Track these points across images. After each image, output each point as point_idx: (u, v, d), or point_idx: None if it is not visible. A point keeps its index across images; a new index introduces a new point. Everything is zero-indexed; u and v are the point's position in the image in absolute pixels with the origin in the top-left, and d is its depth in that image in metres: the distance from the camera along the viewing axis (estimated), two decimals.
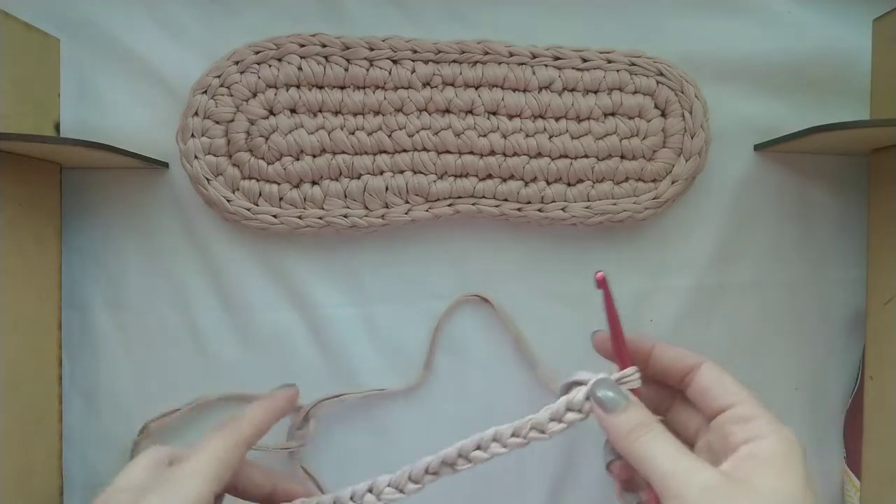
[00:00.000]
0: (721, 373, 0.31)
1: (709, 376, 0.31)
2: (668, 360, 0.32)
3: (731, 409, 0.30)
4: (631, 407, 0.30)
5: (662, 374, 0.33)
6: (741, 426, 0.29)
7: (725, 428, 0.29)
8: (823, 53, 0.47)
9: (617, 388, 0.30)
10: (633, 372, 0.31)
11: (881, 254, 0.44)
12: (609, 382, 0.31)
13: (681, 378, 0.32)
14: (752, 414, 0.29)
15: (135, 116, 0.45)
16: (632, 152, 0.45)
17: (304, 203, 0.44)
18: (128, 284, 0.46)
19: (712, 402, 0.31)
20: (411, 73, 0.44)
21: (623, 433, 0.29)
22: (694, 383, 0.32)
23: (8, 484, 0.40)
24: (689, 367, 0.32)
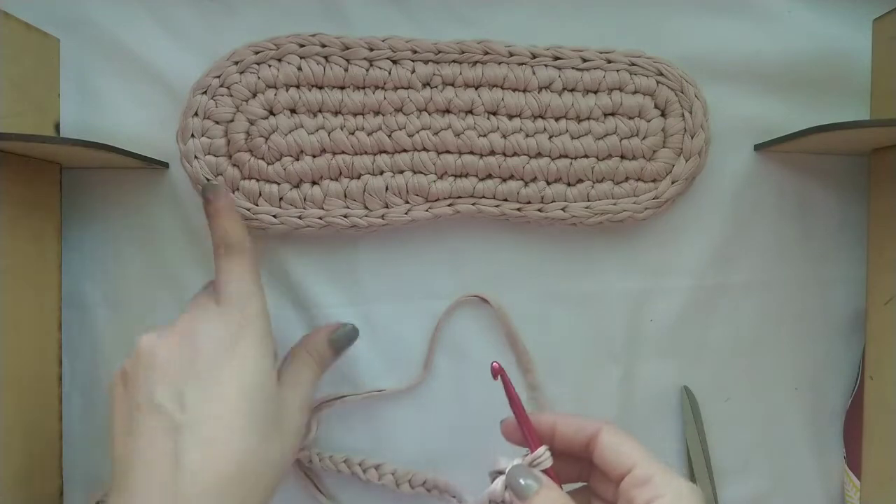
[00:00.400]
0: (617, 436, 0.32)
1: (606, 442, 0.32)
2: (569, 433, 0.33)
3: (630, 472, 0.31)
4: (542, 490, 0.31)
5: (568, 447, 0.34)
6: (640, 489, 0.30)
7: (629, 493, 0.30)
8: (824, 53, 0.47)
9: (530, 473, 0.31)
10: (542, 452, 0.32)
11: (881, 253, 0.44)
12: (522, 469, 0.32)
13: (584, 447, 0.33)
14: (648, 474, 0.30)
15: (135, 116, 0.45)
16: (632, 152, 0.45)
17: (303, 203, 0.44)
18: (128, 284, 0.46)
19: (613, 469, 0.32)
20: (411, 73, 0.44)
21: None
22: (596, 450, 0.33)
23: (8, 484, 0.40)
24: (589, 435, 0.33)
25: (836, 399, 0.48)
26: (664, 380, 0.47)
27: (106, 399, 0.46)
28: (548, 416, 0.34)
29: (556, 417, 0.34)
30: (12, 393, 0.40)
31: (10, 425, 0.40)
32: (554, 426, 0.34)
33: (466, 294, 0.46)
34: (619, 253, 0.47)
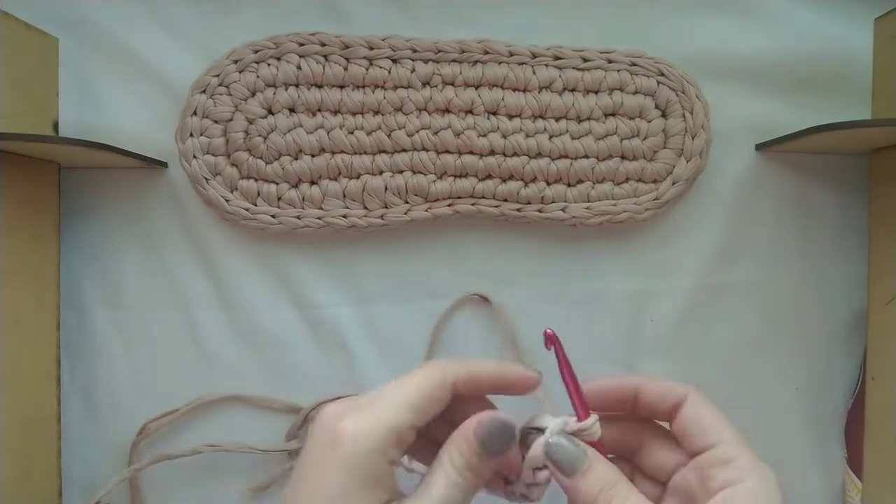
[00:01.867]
0: (703, 407, 0.29)
1: (690, 414, 0.29)
2: (655, 398, 0.30)
3: (711, 449, 0.28)
4: (593, 465, 0.27)
5: (650, 412, 0.31)
6: (720, 469, 0.27)
7: (705, 471, 0.28)
8: (824, 53, 0.46)
9: (576, 444, 0.28)
10: (592, 422, 0.29)
11: (882, 254, 0.44)
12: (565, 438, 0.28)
13: (668, 413, 0.30)
14: (731, 455, 0.28)
15: (133, 116, 0.45)
16: (632, 153, 0.44)
17: (302, 203, 0.44)
18: (126, 284, 0.46)
19: (692, 442, 0.29)
20: (411, 72, 0.43)
21: (589, 498, 0.27)
22: (677, 420, 0.30)
23: (7, 484, 0.39)
24: (676, 402, 0.30)
25: (838, 399, 0.48)
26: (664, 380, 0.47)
27: (104, 399, 0.46)
28: (632, 379, 0.31)
29: (640, 382, 0.31)
30: (11, 393, 0.40)
31: (9, 425, 0.40)
32: (637, 390, 0.31)
33: (468, 292, 0.46)
34: (620, 253, 0.47)
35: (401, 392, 0.26)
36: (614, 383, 0.31)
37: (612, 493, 0.27)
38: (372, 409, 0.26)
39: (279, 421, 0.46)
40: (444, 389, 0.27)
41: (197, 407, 0.45)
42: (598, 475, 0.27)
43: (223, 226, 0.45)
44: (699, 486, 0.28)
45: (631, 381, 0.31)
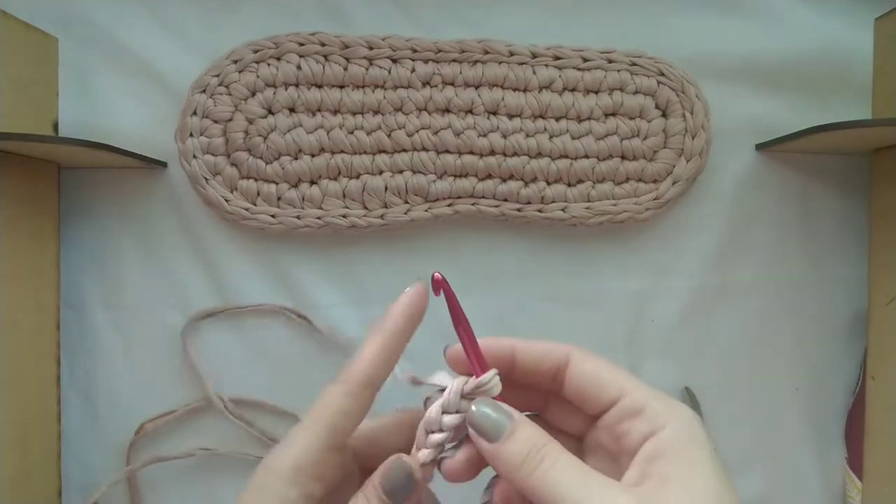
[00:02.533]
0: (594, 362, 0.27)
1: (581, 370, 0.27)
2: (533, 360, 0.28)
3: (617, 403, 0.26)
4: (518, 428, 0.25)
5: (531, 376, 0.28)
6: (632, 422, 0.25)
7: (617, 428, 0.26)
8: (825, 53, 0.46)
9: (498, 407, 0.26)
10: (491, 377, 0.27)
11: (882, 253, 0.44)
12: (487, 401, 0.26)
13: (552, 378, 0.28)
14: (640, 403, 0.25)
15: (133, 116, 0.45)
16: (632, 153, 0.44)
17: (302, 203, 0.44)
18: (126, 284, 0.45)
19: (593, 400, 0.26)
20: (411, 72, 0.43)
21: (515, 464, 0.24)
22: (567, 381, 0.27)
23: (6, 485, 0.39)
24: (558, 362, 0.27)
25: (838, 399, 0.48)
26: (665, 380, 0.47)
27: (104, 398, 0.46)
28: (505, 340, 0.28)
29: (515, 342, 0.28)
30: (11, 393, 0.40)
31: (9, 425, 0.40)
32: (513, 352, 0.28)
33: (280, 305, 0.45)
34: (620, 253, 0.47)
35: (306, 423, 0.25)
36: (488, 343, 0.28)
37: (540, 455, 0.24)
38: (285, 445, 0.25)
39: (277, 423, 0.46)
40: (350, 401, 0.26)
41: (194, 408, 0.45)
42: (525, 437, 0.25)
43: (223, 226, 0.45)
44: (615, 445, 0.26)
45: (505, 343, 0.28)
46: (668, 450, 0.24)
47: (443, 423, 0.26)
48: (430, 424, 0.26)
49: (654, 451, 0.24)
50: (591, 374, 0.27)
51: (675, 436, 0.24)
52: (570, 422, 0.29)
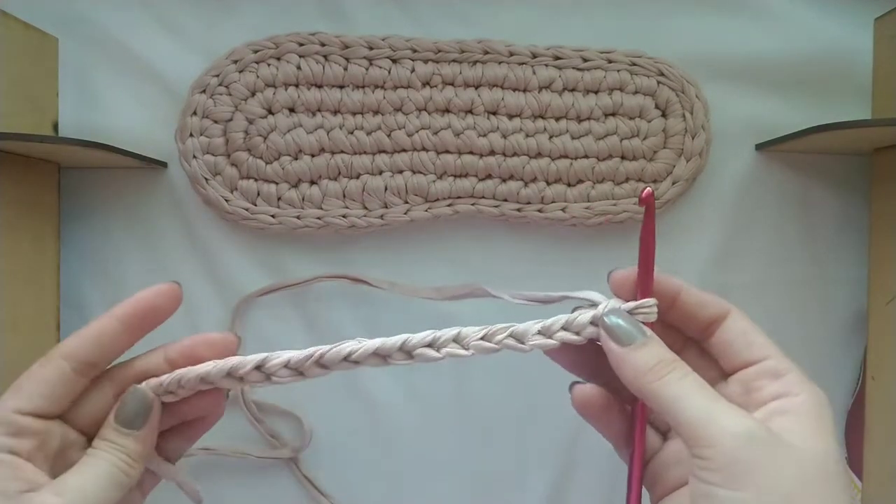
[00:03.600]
0: (749, 324, 0.28)
1: (736, 327, 0.28)
2: (694, 307, 0.28)
3: (760, 363, 0.27)
4: (650, 342, 0.26)
5: (685, 321, 0.29)
6: (770, 381, 0.26)
7: (752, 383, 0.27)
8: (825, 53, 0.46)
9: (632, 320, 0.26)
10: (651, 304, 0.27)
11: (882, 253, 0.44)
12: (622, 312, 0.27)
13: (705, 327, 0.28)
14: (784, 369, 0.27)
15: (133, 116, 0.45)
16: (632, 153, 0.44)
17: (302, 203, 0.44)
18: (126, 284, 0.45)
19: (737, 356, 0.27)
20: (411, 72, 0.43)
21: (642, 370, 0.25)
22: (718, 333, 0.28)
23: None
24: (716, 315, 0.28)
25: (838, 399, 0.48)
26: None
27: None
28: (674, 280, 0.29)
29: (682, 284, 0.29)
30: None
31: None
32: (679, 293, 0.28)
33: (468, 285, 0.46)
34: (620, 253, 0.47)
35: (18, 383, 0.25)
36: (659, 276, 0.29)
37: (670, 367, 0.25)
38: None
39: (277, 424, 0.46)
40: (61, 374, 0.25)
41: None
42: (656, 350, 0.26)
43: (223, 226, 0.45)
44: (743, 397, 0.27)
45: (674, 281, 0.29)
46: (795, 411, 0.25)
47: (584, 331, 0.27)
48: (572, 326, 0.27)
49: (782, 407, 0.25)
50: (744, 332, 0.28)
51: (806, 403, 0.26)
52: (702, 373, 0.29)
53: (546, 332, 0.28)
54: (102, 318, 0.26)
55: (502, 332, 0.28)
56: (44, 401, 0.25)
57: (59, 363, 0.25)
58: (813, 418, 0.25)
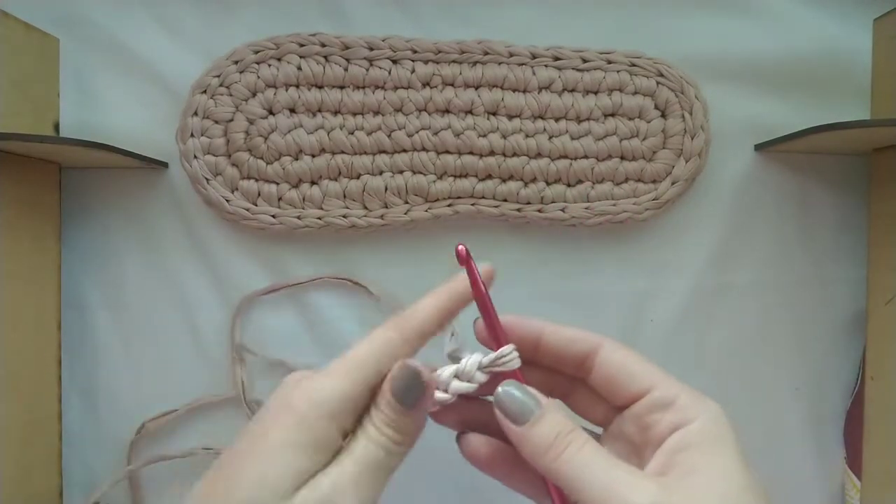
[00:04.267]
0: (624, 353, 0.27)
1: (612, 360, 0.27)
2: (561, 345, 0.28)
3: (647, 394, 0.26)
4: (546, 414, 0.25)
5: (556, 361, 0.28)
6: (662, 413, 0.25)
7: (644, 419, 0.26)
8: (824, 53, 0.46)
9: (523, 389, 0.26)
10: (509, 350, 0.27)
11: (882, 254, 0.44)
12: (514, 384, 0.26)
13: (579, 364, 0.28)
14: (671, 396, 0.26)
15: (134, 116, 0.45)
16: (632, 153, 0.44)
17: (302, 203, 0.44)
18: (127, 284, 0.46)
19: (621, 390, 0.27)
20: (411, 72, 0.44)
21: (541, 449, 0.24)
22: (596, 369, 0.27)
23: (7, 484, 0.39)
24: (587, 350, 0.27)
25: (837, 399, 0.48)
26: None
27: (105, 398, 0.46)
28: (534, 322, 0.28)
29: (544, 324, 0.28)
30: (12, 393, 0.40)
31: (10, 425, 0.40)
32: (540, 335, 0.28)
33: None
34: (619, 254, 0.47)
35: (356, 357, 0.26)
36: (516, 321, 0.28)
37: (567, 440, 0.24)
38: (327, 376, 0.25)
39: None
40: (402, 346, 0.26)
41: (196, 407, 0.45)
42: (552, 423, 0.25)
43: (223, 226, 0.45)
44: (640, 435, 0.26)
45: (533, 323, 0.28)
46: (695, 442, 0.24)
47: (451, 387, 0.27)
48: (439, 384, 0.27)
49: (681, 442, 0.25)
50: (622, 364, 0.27)
51: (703, 429, 0.25)
52: (594, 410, 0.29)
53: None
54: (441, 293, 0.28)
55: None
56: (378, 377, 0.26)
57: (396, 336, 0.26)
58: (714, 445, 0.25)
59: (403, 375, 0.26)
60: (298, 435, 0.24)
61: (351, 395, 0.25)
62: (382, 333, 0.26)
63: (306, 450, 0.24)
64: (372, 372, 0.26)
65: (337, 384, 0.25)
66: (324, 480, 0.24)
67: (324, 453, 0.24)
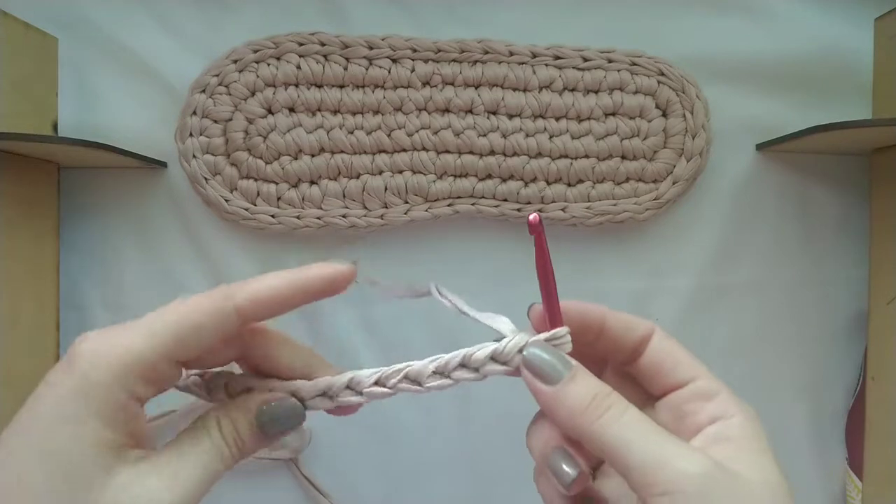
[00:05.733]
0: (673, 342, 0.27)
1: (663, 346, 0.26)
2: (621, 331, 0.27)
3: (689, 384, 0.26)
4: (577, 374, 0.23)
5: (613, 347, 0.27)
6: (703, 404, 0.25)
7: (684, 406, 0.25)
8: (825, 53, 0.46)
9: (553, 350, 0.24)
10: (563, 333, 0.25)
11: (883, 254, 0.44)
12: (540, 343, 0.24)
13: (633, 350, 0.27)
14: (714, 389, 0.25)
15: (133, 116, 0.45)
16: (632, 152, 0.44)
17: (302, 203, 0.44)
18: (126, 284, 0.45)
19: (665, 378, 0.26)
20: (411, 72, 0.43)
21: (578, 409, 0.23)
22: (646, 355, 0.27)
23: None
24: (643, 336, 0.27)
25: (838, 400, 0.48)
26: None
27: None
28: (597, 306, 0.27)
29: (605, 310, 0.27)
30: (10, 393, 0.40)
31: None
32: (603, 320, 0.26)
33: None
34: (620, 253, 0.47)
35: (162, 318, 0.22)
36: (581, 306, 0.27)
37: (607, 402, 0.23)
38: (122, 334, 0.22)
39: None
40: (221, 316, 0.22)
41: (194, 408, 0.45)
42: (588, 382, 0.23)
43: (223, 226, 0.45)
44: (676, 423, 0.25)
45: (598, 308, 0.27)
46: (736, 436, 0.24)
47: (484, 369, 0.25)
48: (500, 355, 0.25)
49: (721, 433, 0.24)
50: (671, 352, 0.26)
51: (744, 425, 0.24)
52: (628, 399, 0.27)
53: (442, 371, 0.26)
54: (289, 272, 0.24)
55: (396, 375, 0.27)
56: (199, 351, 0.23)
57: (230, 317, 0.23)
58: (752, 442, 0.24)
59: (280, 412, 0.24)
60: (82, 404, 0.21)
61: (149, 359, 0.21)
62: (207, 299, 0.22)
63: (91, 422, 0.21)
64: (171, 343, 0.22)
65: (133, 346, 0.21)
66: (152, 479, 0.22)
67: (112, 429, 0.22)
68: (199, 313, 0.22)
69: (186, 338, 0.22)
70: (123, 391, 0.21)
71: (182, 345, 0.22)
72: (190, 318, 0.22)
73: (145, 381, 0.22)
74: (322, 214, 0.43)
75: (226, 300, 0.23)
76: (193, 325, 0.22)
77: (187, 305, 0.22)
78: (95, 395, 0.21)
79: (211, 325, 0.22)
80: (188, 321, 0.22)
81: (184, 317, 0.22)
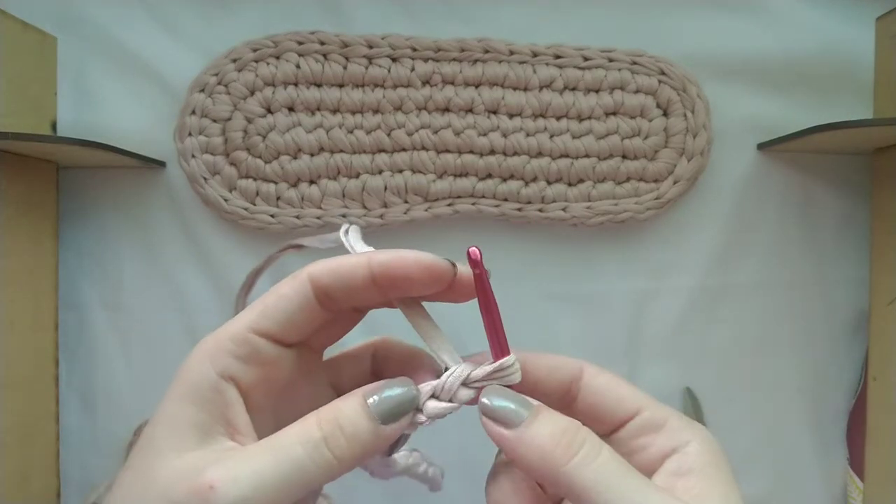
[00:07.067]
0: (607, 376, 0.25)
1: (597, 384, 0.25)
2: (544, 372, 0.25)
3: (636, 416, 0.24)
4: (542, 411, 0.21)
5: (541, 390, 0.25)
6: (653, 437, 0.24)
7: (634, 442, 0.24)
8: (826, 52, 0.46)
9: (510, 394, 0.22)
10: (512, 361, 0.23)
11: (884, 254, 0.43)
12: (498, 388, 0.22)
13: (563, 393, 0.25)
14: (661, 417, 0.24)
15: (132, 115, 0.45)
16: (633, 152, 0.44)
17: (301, 202, 0.43)
18: (125, 284, 0.45)
19: (610, 415, 0.25)
20: (411, 71, 0.43)
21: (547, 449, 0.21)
22: (581, 395, 0.25)
23: (5, 486, 0.39)
24: (571, 375, 0.25)
25: (839, 400, 0.48)
26: (666, 381, 0.47)
27: (102, 399, 0.46)
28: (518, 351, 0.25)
29: (525, 354, 0.25)
30: (9, 394, 0.40)
31: (7, 426, 0.40)
32: (523, 364, 0.24)
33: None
34: (621, 253, 0.47)
35: (261, 301, 0.22)
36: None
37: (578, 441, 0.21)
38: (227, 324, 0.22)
39: None
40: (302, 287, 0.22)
41: None
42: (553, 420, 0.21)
43: (222, 225, 0.45)
44: (630, 459, 0.23)
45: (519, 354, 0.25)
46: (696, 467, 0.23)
47: (426, 409, 0.22)
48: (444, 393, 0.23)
49: (681, 467, 0.23)
50: (607, 387, 0.25)
51: (701, 453, 0.23)
52: None
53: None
54: (358, 257, 0.23)
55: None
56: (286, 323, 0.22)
57: (305, 285, 0.22)
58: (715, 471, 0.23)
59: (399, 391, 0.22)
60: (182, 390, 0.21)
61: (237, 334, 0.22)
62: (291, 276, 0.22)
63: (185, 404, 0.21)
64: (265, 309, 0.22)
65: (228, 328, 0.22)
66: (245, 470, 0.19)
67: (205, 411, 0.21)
68: (281, 284, 0.23)
69: (269, 308, 0.22)
70: (213, 369, 0.21)
71: (265, 316, 0.22)
72: (273, 290, 0.22)
73: (237, 359, 0.21)
74: (321, 214, 0.43)
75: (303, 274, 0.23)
76: (276, 296, 0.22)
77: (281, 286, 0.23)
78: (187, 372, 0.21)
79: (293, 294, 0.22)
80: (271, 293, 0.22)
81: (269, 292, 0.22)
